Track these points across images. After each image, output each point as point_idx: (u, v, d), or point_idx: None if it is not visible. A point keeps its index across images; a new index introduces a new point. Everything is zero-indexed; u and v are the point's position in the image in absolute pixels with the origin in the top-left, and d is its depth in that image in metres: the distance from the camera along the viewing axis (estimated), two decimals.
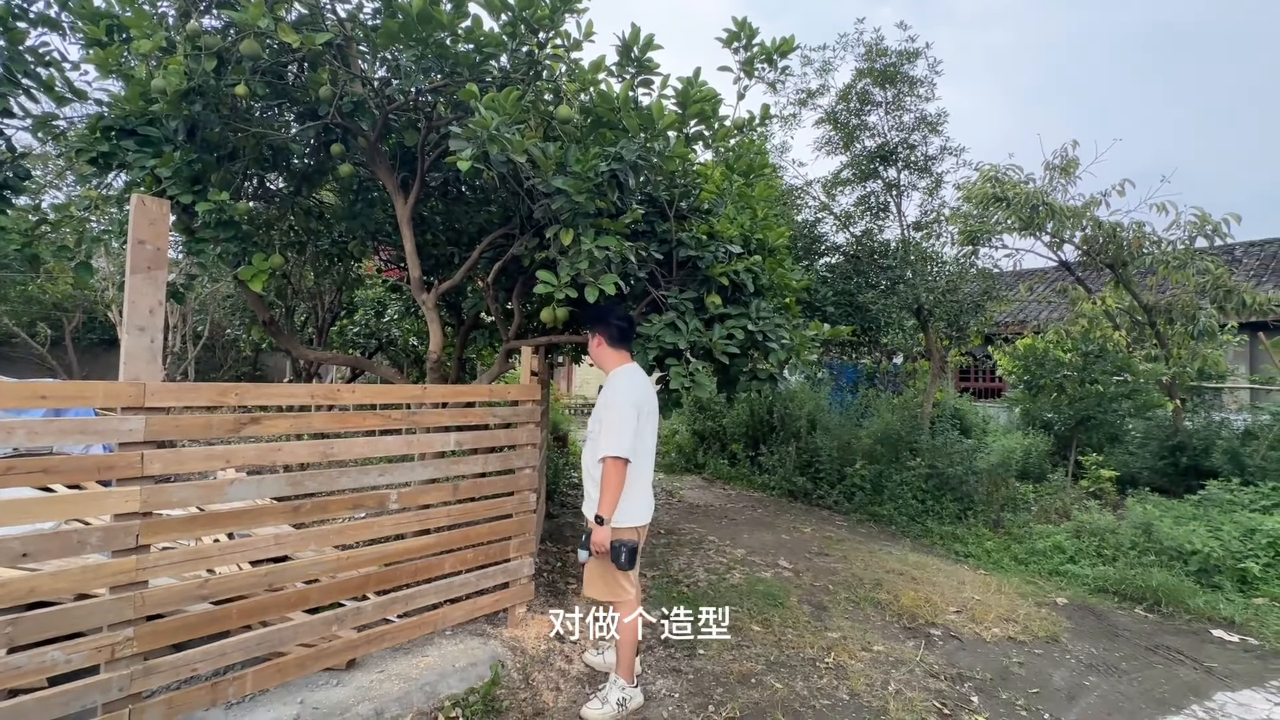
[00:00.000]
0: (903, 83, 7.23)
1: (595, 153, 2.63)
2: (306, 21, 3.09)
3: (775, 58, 3.68)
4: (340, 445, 2.64)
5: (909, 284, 6.76)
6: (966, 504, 6.33)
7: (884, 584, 4.42)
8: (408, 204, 3.60)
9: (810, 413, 8.21)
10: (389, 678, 2.76)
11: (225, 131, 3.23)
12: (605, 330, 2.77)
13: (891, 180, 7.56)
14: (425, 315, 3.77)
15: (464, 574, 3.14)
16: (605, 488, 2.55)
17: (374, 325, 8.22)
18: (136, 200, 2.13)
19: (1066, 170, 7.42)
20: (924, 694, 2.98)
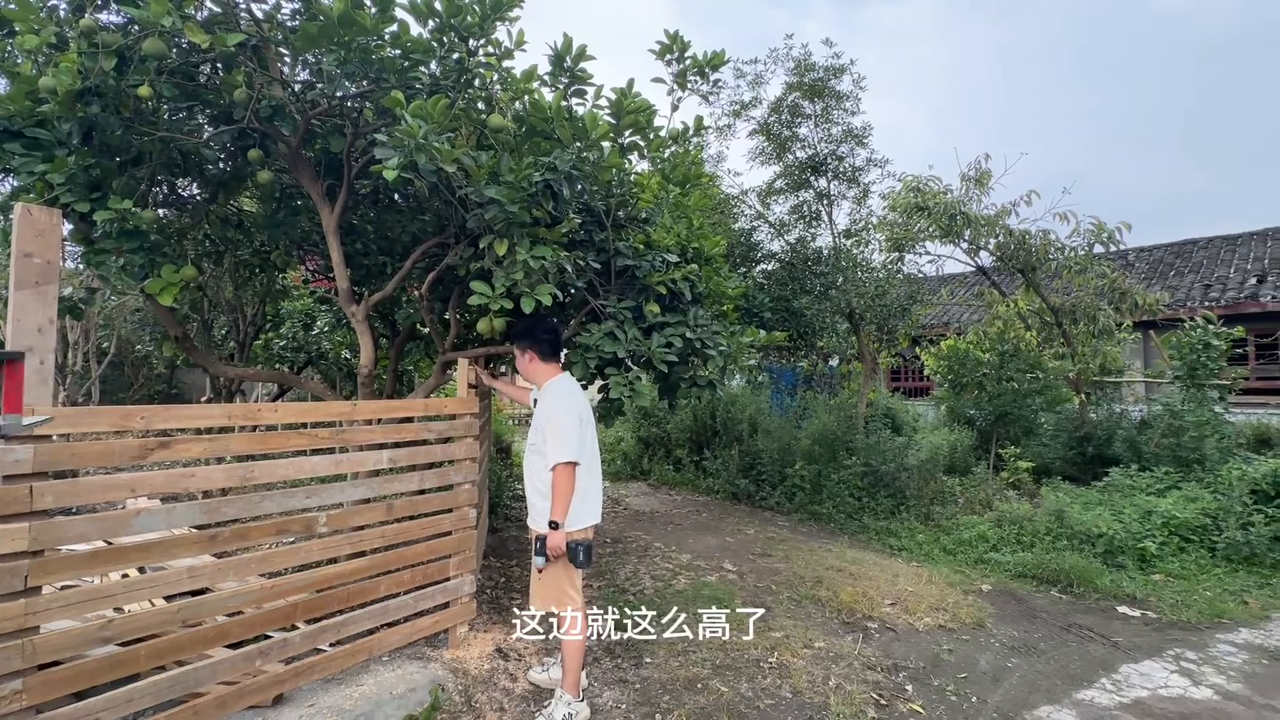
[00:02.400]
0: (830, 97, 7.54)
1: (529, 162, 2.61)
2: (219, 20, 2.93)
3: (707, 70, 3.77)
4: (261, 468, 2.50)
5: (841, 290, 7.04)
6: (899, 499, 6.62)
7: (824, 581, 4.55)
8: (334, 213, 3.45)
9: (751, 416, 8.39)
10: (319, 712, 2.62)
11: (128, 135, 3.01)
12: (535, 347, 2.83)
13: (822, 190, 7.87)
14: (355, 328, 3.62)
15: (401, 596, 3.03)
16: (558, 493, 2.59)
17: (302, 338, 7.83)
18: (21, 210, 1.96)
19: (980, 181, 7.93)
20: (862, 686, 3.08)
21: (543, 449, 2.70)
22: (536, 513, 2.80)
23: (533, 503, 2.84)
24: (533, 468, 2.81)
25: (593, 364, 3.33)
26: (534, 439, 2.81)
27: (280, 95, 3.04)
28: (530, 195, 2.59)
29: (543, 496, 2.72)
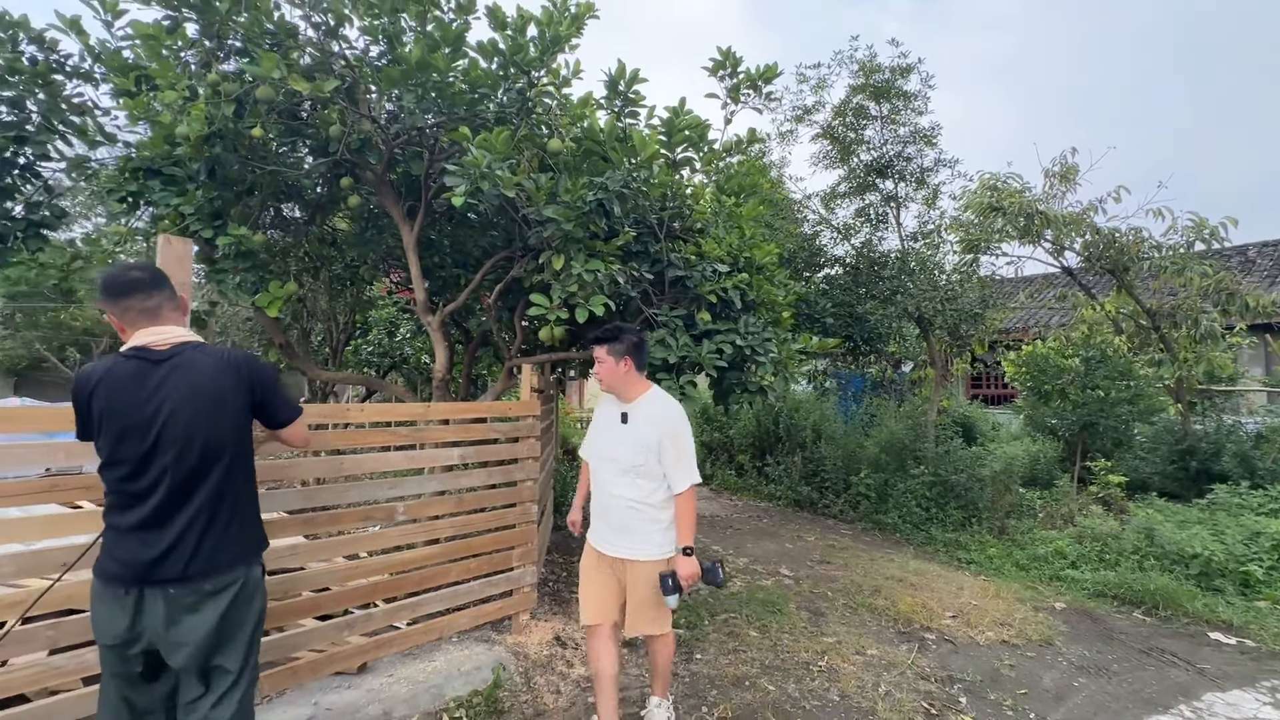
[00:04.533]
0: (897, 97, 7.38)
1: (583, 183, 2.82)
2: (317, 65, 3.33)
3: (760, 84, 3.87)
4: (350, 461, 2.82)
5: (908, 294, 6.86)
6: (970, 511, 6.36)
7: (882, 590, 4.49)
8: (414, 231, 3.81)
9: (816, 423, 8.29)
10: (397, 681, 2.91)
11: (243, 170, 3.47)
12: (635, 356, 2.49)
13: (889, 192, 7.69)
14: (431, 336, 3.96)
15: (469, 582, 3.29)
16: (686, 517, 2.41)
17: (387, 344, 8.48)
18: (162, 240, 2.34)
19: (1065, 177, 7.50)
20: (913, 695, 3.06)
21: (653, 468, 2.41)
22: (648, 543, 2.45)
23: (627, 527, 2.47)
24: (635, 490, 2.44)
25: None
26: (640, 460, 2.41)
27: (368, 129, 3.41)
28: (584, 213, 2.79)
29: (651, 522, 2.44)
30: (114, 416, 1.67)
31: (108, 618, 1.70)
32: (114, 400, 1.67)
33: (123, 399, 1.67)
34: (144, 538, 1.68)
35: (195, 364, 1.76)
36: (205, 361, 1.78)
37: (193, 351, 1.78)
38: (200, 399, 1.73)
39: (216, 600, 1.74)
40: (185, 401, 1.71)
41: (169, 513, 1.70)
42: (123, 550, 1.69)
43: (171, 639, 1.69)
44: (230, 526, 1.80)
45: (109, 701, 1.76)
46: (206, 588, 1.73)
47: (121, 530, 1.69)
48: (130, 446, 1.67)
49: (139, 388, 1.69)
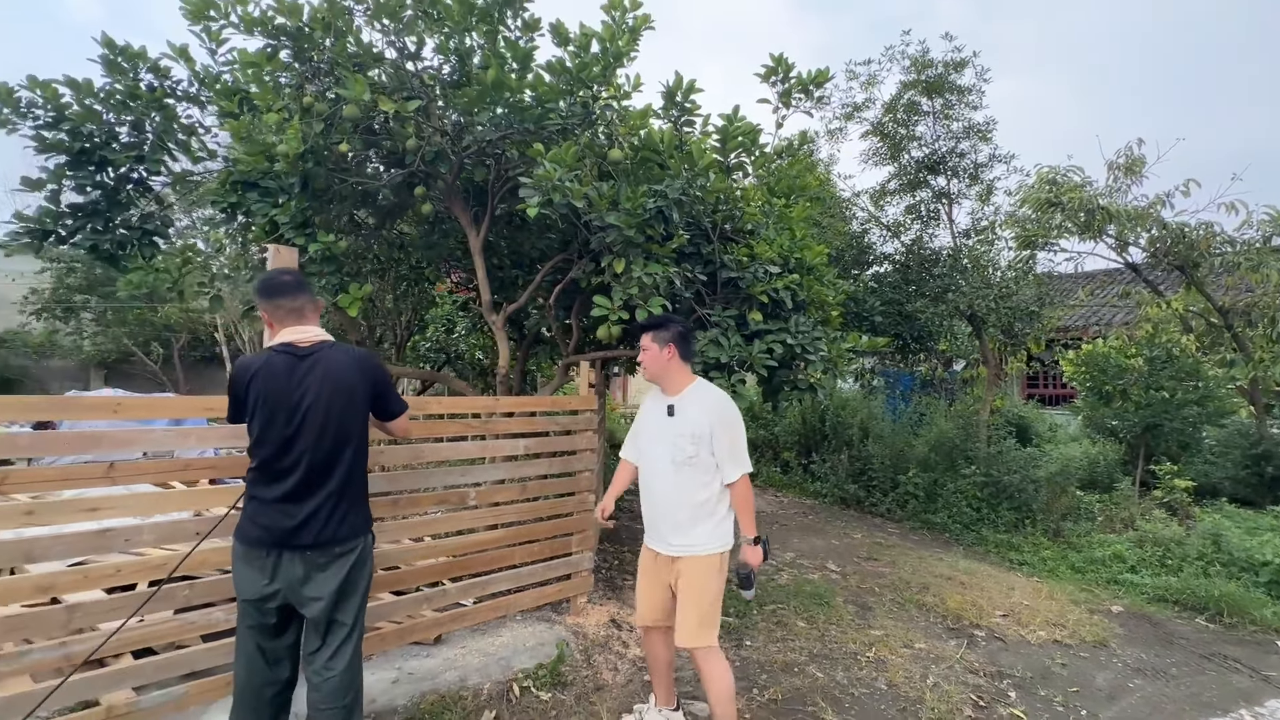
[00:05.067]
0: (950, 92, 7.27)
1: (643, 191, 2.99)
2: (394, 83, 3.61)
3: (811, 88, 3.95)
4: (428, 448, 3.08)
5: (960, 291, 6.78)
6: (1024, 513, 6.27)
7: (931, 588, 4.53)
8: (479, 235, 4.06)
9: (863, 421, 8.26)
10: (469, 652, 3.16)
11: (329, 181, 3.78)
12: (680, 344, 2.49)
13: (941, 189, 7.59)
14: (495, 334, 4.21)
15: (531, 565, 3.52)
16: (745, 507, 2.40)
17: (444, 341, 8.89)
18: (273, 249, 2.64)
19: (1131, 169, 7.24)
20: (960, 687, 3.13)
21: (705, 460, 2.38)
22: (695, 537, 2.41)
23: (677, 523, 2.43)
24: (687, 485, 2.41)
25: (698, 368, 3.64)
26: (690, 451, 2.38)
27: (440, 142, 3.67)
28: (644, 220, 2.96)
29: (703, 518, 2.41)
30: (266, 403, 1.94)
31: (249, 576, 1.97)
32: (267, 389, 1.95)
33: (274, 388, 1.95)
34: (285, 509, 1.95)
35: (332, 360, 2.02)
36: (340, 359, 2.04)
37: (329, 349, 2.05)
38: (336, 391, 2.00)
39: (341, 563, 2.00)
40: (324, 393, 1.97)
41: (307, 488, 1.96)
42: (265, 518, 1.96)
43: (306, 594, 1.96)
44: (354, 502, 2.07)
45: (245, 650, 2.04)
46: (335, 551, 1.99)
47: (265, 501, 1.97)
48: (277, 429, 1.94)
49: (288, 379, 1.96)
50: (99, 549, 2.23)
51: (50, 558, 2.15)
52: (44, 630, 2.12)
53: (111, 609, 2.20)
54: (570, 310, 4.69)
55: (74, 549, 2.17)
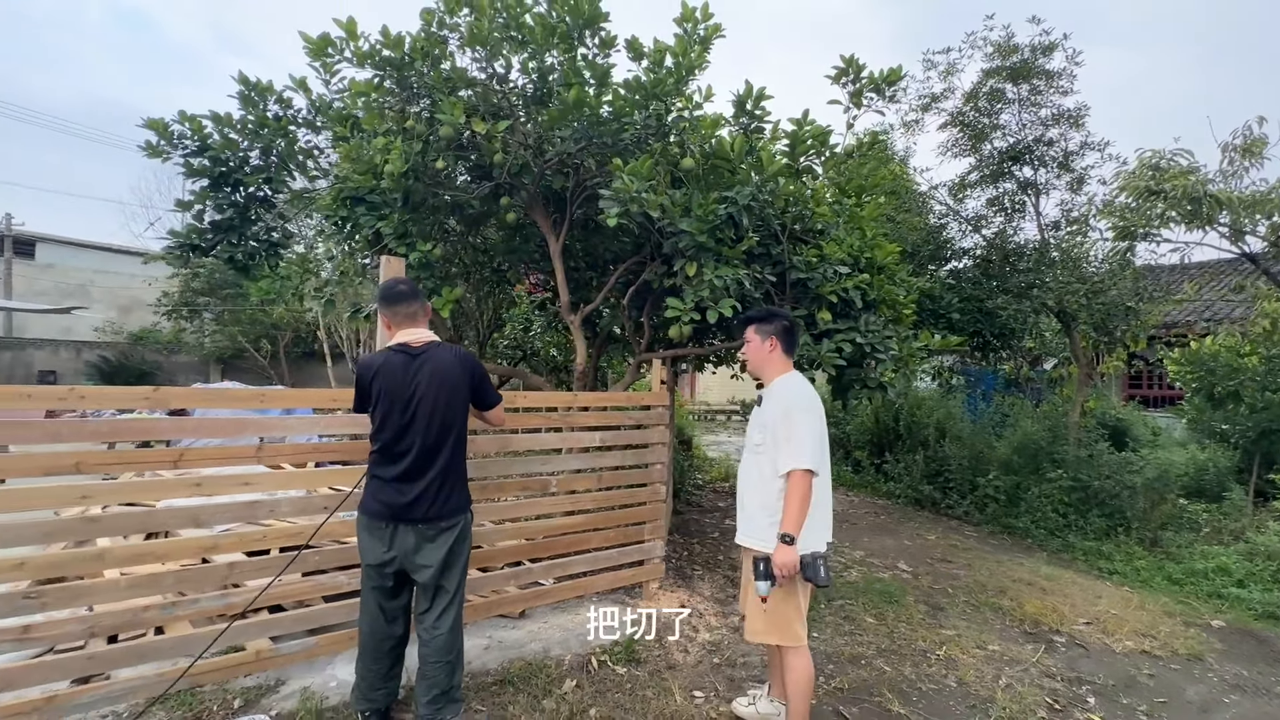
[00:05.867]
0: (1038, 77, 6.93)
1: (714, 197, 3.13)
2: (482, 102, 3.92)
3: (883, 87, 3.96)
4: (516, 439, 3.36)
5: (1046, 287, 6.47)
6: (1117, 520, 5.94)
7: (1008, 591, 4.42)
8: (559, 241, 4.33)
9: (940, 420, 8.02)
10: (551, 627, 3.43)
11: (426, 194, 4.16)
12: (782, 337, 2.51)
13: (1026, 179, 7.24)
14: (573, 333, 4.47)
15: (607, 550, 3.76)
16: (792, 503, 2.25)
17: (521, 339, 9.36)
18: (384, 260, 2.99)
19: (1250, 151, 6.66)
20: (1035, 690, 3.09)
21: (771, 451, 2.37)
22: (755, 526, 2.42)
23: (748, 512, 2.48)
24: (755, 473, 2.46)
25: None
26: (758, 438, 2.44)
27: (524, 155, 3.95)
28: (715, 225, 3.11)
29: (765, 509, 2.39)
30: (386, 395, 2.26)
31: (371, 545, 2.30)
32: (387, 383, 2.26)
33: (392, 382, 2.26)
34: (400, 487, 2.26)
35: (440, 358, 2.32)
36: (446, 357, 2.34)
37: (437, 348, 2.35)
38: (443, 386, 2.29)
39: (447, 535, 2.30)
40: (433, 387, 2.27)
41: (418, 470, 2.27)
42: (384, 495, 2.28)
43: (418, 562, 2.26)
44: (456, 482, 2.36)
45: (368, 607, 2.37)
46: (442, 525, 2.29)
47: (384, 480, 2.28)
48: (395, 419, 2.25)
49: (403, 375, 2.27)
50: (248, 518, 2.63)
51: (213, 523, 2.56)
52: (209, 583, 2.53)
53: (260, 568, 2.60)
54: (642, 310, 4.90)
55: (230, 517, 2.58)
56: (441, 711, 2.26)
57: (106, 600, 2.32)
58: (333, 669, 2.82)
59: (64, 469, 2.21)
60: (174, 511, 2.44)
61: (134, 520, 2.44)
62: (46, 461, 2.19)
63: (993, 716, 2.85)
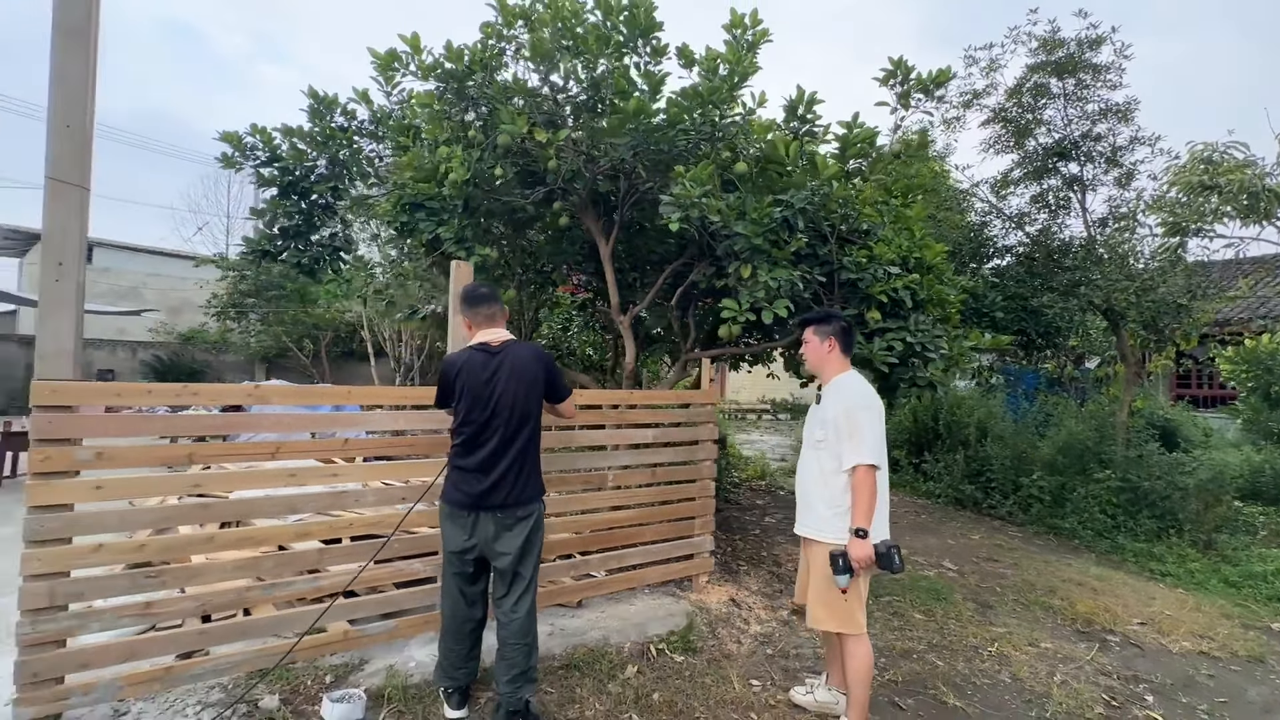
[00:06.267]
0: (1084, 71, 6.81)
1: (769, 201, 3.22)
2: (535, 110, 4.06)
3: (931, 88, 4.00)
4: (578, 434, 3.50)
5: (1094, 285, 6.37)
6: (1168, 521, 5.83)
7: (1058, 591, 4.41)
8: (609, 244, 4.46)
9: (980, 420, 7.94)
10: (608, 616, 3.56)
11: (483, 200, 4.33)
12: (840, 337, 2.63)
13: (1072, 175, 7.13)
14: (623, 333, 4.60)
15: (658, 543, 3.87)
16: (860, 497, 2.37)
17: (559, 338, 9.55)
18: (454, 265, 3.14)
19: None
20: (1091, 687, 3.11)
21: (834, 447, 2.47)
22: (816, 518, 2.53)
23: (810, 505, 2.57)
24: (816, 468, 2.56)
25: None
26: (819, 435, 2.55)
27: (577, 162, 4.09)
28: (770, 228, 3.19)
29: (828, 503, 2.49)
30: (468, 391, 2.41)
31: (453, 532, 2.45)
32: (469, 380, 2.41)
33: (474, 379, 2.41)
34: (480, 477, 2.41)
35: (517, 355, 2.47)
36: (523, 353, 2.48)
37: (514, 346, 2.49)
38: (521, 381, 2.43)
39: (524, 523, 2.44)
40: (511, 382, 2.41)
41: (497, 460, 2.41)
42: (465, 485, 2.43)
43: (497, 549, 2.41)
44: (531, 472, 2.50)
45: (450, 592, 2.53)
46: (519, 514, 2.43)
47: (466, 471, 2.44)
48: (477, 413, 2.40)
49: (484, 371, 2.42)
50: (334, 506, 2.82)
51: (305, 510, 2.75)
52: (300, 566, 2.71)
53: (345, 554, 2.78)
54: (686, 310, 5.00)
55: (320, 505, 2.76)
56: (520, 690, 2.40)
57: (214, 580, 2.52)
58: (410, 650, 2.99)
59: (178, 459, 2.42)
60: (275, 500, 2.63)
61: (237, 507, 2.64)
62: (165, 454, 2.40)
63: (1049, 711, 2.89)
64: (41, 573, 2.18)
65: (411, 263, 4.73)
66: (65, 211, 2.26)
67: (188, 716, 2.34)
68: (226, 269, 16.93)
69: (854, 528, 2.38)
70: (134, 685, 2.35)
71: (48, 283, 2.23)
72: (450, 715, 2.49)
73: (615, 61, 3.90)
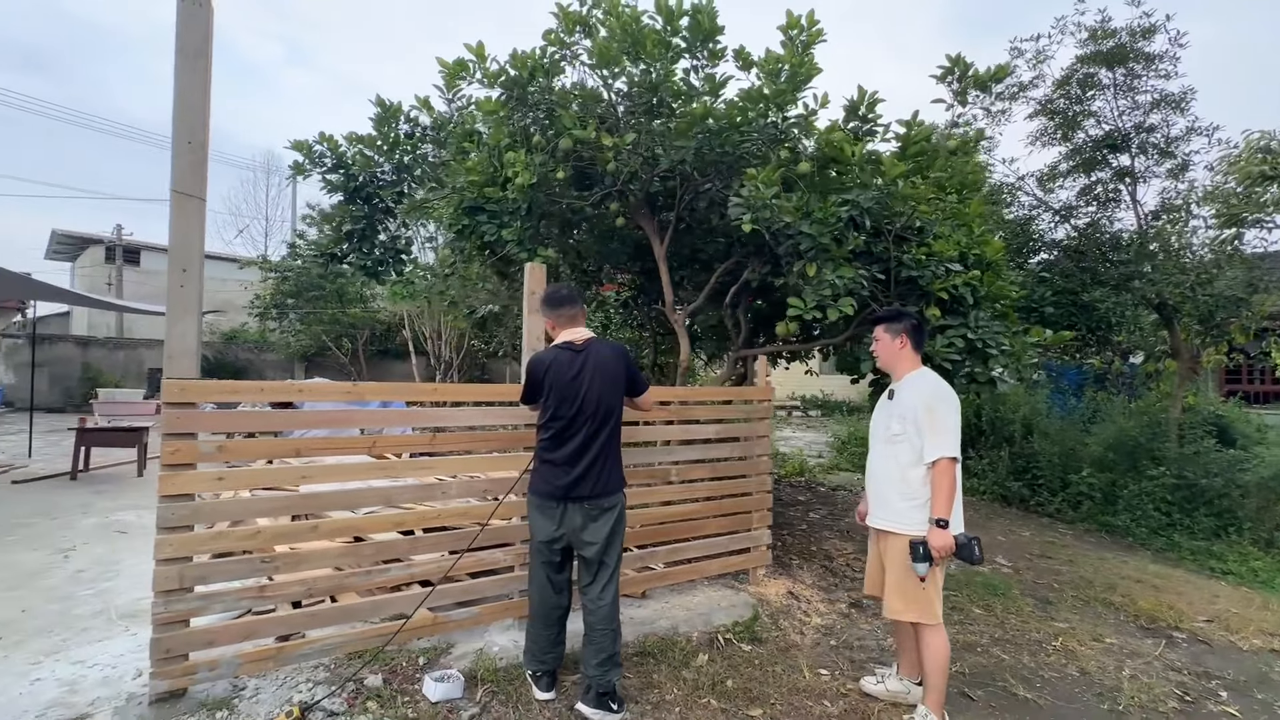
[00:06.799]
0: (1136, 61, 6.69)
1: (834, 200, 3.27)
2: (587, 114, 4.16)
3: (989, 84, 4.00)
4: (641, 430, 3.61)
5: (1148, 279, 6.27)
6: (1227, 520, 5.73)
7: (1118, 588, 4.39)
8: (663, 245, 4.55)
9: (1026, 416, 7.85)
10: (673, 607, 3.67)
11: (545, 203, 4.45)
12: (912, 334, 2.71)
13: (1123, 168, 7.01)
14: (677, 331, 4.69)
15: (718, 536, 3.96)
16: (941, 489, 2.46)
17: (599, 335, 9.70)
18: (529, 267, 3.27)
19: None
20: (1162, 682, 3.12)
21: (913, 439, 2.55)
22: (892, 511, 2.61)
23: (885, 499, 2.65)
24: (892, 461, 2.62)
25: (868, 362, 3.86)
26: (897, 429, 2.61)
27: (635, 164, 4.18)
28: (836, 228, 3.25)
29: (905, 496, 2.57)
30: (556, 388, 2.53)
31: (542, 523, 2.57)
32: (557, 377, 2.53)
33: (562, 376, 2.53)
34: (568, 470, 2.53)
35: (601, 353, 2.58)
36: (606, 351, 2.59)
37: (597, 344, 2.61)
38: (605, 377, 2.54)
39: (609, 514, 2.55)
40: (596, 378, 2.53)
41: (584, 453, 2.53)
42: (553, 477, 2.55)
43: (584, 538, 2.53)
44: (614, 464, 2.62)
45: (538, 580, 2.65)
46: (604, 504, 2.54)
47: (554, 464, 2.56)
48: (565, 408, 2.52)
49: (570, 369, 2.53)
50: (425, 498, 2.97)
51: (400, 502, 2.90)
52: (394, 555, 2.87)
53: (434, 544, 2.93)
54: (736, 307, 5.06)
55: (412, 497, 2.91)
56: (608, 674, 2.52)
57: (317, 566, 2.68)
58: (490, 635, 3.13)
59: (286, 453, 2.58)
60: (371, 491, 2.79)
61: (338, 498, 2.80)
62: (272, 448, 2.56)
63: (1122, 705, 2.91)
64: (172, 557, 2.36)
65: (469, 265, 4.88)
66: (187, 222, 2.43)
67: (301, 692, 2.50)
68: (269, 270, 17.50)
69: (935, 518, 2.46)
70: (250, 663, 2.52)
71: (174, 288, 2.40)
72: (540, 696, 2.62)
73: (670, 65, 3.99)
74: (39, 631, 3.14)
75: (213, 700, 2.42)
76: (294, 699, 2.45)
